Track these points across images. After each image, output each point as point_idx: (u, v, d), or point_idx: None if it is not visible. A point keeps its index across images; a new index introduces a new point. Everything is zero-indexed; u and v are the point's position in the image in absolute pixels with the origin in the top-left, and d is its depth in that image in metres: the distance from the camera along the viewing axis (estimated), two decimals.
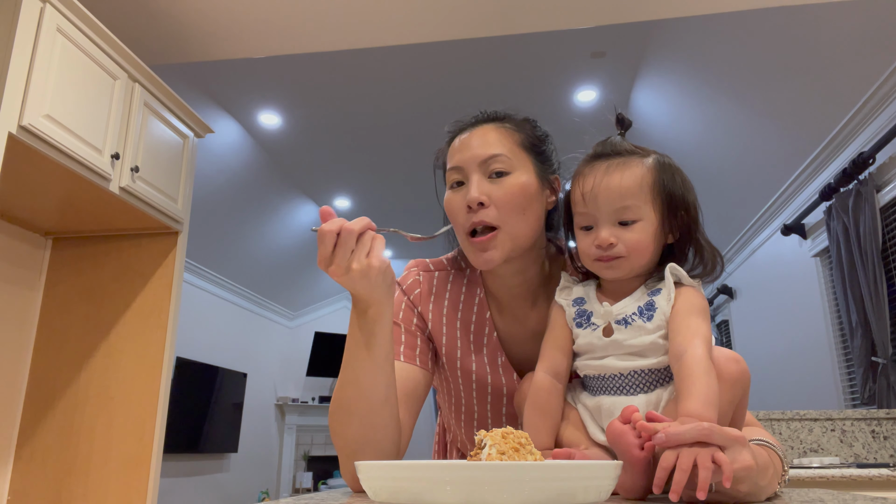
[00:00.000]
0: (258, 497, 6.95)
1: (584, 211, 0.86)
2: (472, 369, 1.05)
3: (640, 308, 0.83)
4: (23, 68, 1.91)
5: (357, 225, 0.78)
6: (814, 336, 4.05)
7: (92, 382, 2.56)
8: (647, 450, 0.67)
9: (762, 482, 0.70)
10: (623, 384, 0.83)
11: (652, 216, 0.84)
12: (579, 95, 4.57)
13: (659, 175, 0.85)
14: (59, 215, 2.54)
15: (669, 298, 0.82)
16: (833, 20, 2.95)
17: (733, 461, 0.64)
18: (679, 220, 0.86)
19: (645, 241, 0.83)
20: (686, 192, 0.86)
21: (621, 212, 0.83)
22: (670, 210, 0.85)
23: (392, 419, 0.88)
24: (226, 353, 6.51)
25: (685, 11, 2.79)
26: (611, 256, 0.84)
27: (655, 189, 0.84)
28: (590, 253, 0.86)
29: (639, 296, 0.85)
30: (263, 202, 5.99)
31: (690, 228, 0.87)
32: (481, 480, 0.52)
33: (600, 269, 0.86)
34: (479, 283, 1.06)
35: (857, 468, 2.19)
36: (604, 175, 0.85)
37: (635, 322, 0.82)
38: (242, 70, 4.20)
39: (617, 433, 0.70)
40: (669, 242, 0.88)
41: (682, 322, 0.79)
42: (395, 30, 2.90)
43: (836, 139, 3.56)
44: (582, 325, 0.87)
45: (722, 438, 0.65)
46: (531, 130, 1.01)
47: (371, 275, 0.80)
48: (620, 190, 0.83)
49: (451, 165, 0.98)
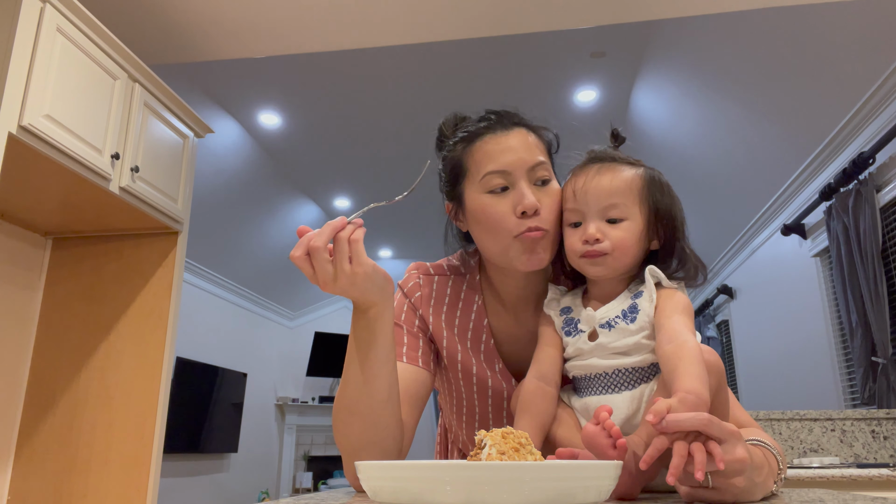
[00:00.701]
0: (258, 497, 6.95)
1: (573, 207, 0.90)
2: (472, 371, 1.06)
3: (623, 311, 0.86)
4: (23, 68, 1.91)
5: (321, 239, 0.76)
6: (814, 336, 4.05)
7: (92, 382, 2.56)
8: (619, 448, 0.68)
9: (757, 479, 0.70)
10: (608, 383, 0.85)
11: (638, 217, 0.87)
12: (579, 95, 4.57)
13: (647, 184, 0.89)
14: (59, 215, 2.54)
15: (651, 299, 0.84)
16: (833, 20, 2.95)
17: (727, 453, 0.65)
18: (664, 227, 0.89)
19: (630, 240, 0.86)
20: (672, 205, 0.89)
21: (609, 209, 0.87)
22: (656, 217, 0.88)
23: (394, 419, 0.88)
24: (226, 353, 6.51)
25: (685, 11, 2.79)
26: (596, 252, 0.86)
27: (643, 194, 0.88)
28: (576, 249, 0.88)
29: (622, 299, 0.88)
30: (263, 202, 5.99)
31: (674, 236, 0.90)
32: (481, 480, 0.52)
33: (585, 265, 0.89)
34: (479, 290, 1.07)
35: (857, 468, 2.19)
36: (595, 174, 0.89)
37: (619, 325, 0.85)
38: (242, 70, 4.21)
39: (590, 436, 0.71)
40: (654, 249, 0.91)
41: (668, 318, 0.82)
42: (394, 30, 2.90)
43: (836, 139, 3.56)
44: (570, 332, 0.90)
45: (719, 431, 0.65)
46: (550, 134, 1.02)
47: (357, 281, 0.79)
48: (610, 188, 0.87)
49: (495, 168, 0.94)
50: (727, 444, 0.66)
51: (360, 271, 0.79)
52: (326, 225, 0.78)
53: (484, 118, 1.00)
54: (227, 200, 5.50)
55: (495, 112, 1.01)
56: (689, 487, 0.67)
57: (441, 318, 1.06)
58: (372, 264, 0.82)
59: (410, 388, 0.98)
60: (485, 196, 0.95)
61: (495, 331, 1.05)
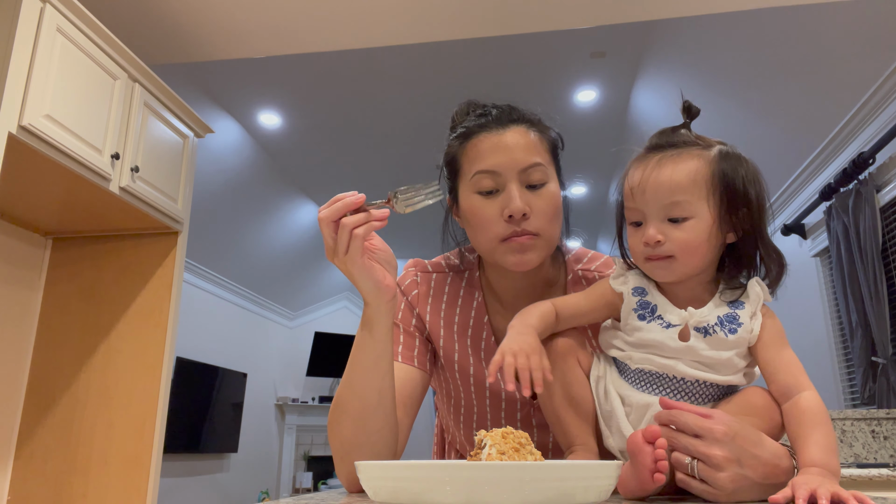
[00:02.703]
0: (258, 497, 6.95)
1: (632, 206, 0.80)
2: (470, 371, 1.04)
3: (720, 318, 0.78)
4: (23, 68, 1.91)
5: (328, 212, 0.77)
6: (814, 336, 4.05)
7: (92, 382, 2.56)
8: (656, 481, 0.66)
9: (753, 476, 0.69)
10: (681, 390, 0.79)
11: (706, 214, 0.77)
12: (579, 95, 4.57)
13: (718, 167, 0.78)
14: (59, 215, 2.54)
15: (755, 315, 0.78)
16: (833, 20, 2.95)
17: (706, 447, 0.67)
18: (740, 217, 0.79)
19: (696, 241, 0.77)
20: (749, 187, 0.79)
21: (670, 208, 0.77)
22: (730, 207, 0.78)
23: (387, 422, 0.86)
24: (226, 353, 6.50)
25: (685, 11, 2.79)
26: (659, 255, 0.78)
27: (712, 183, 0.77)
28: (639, 251, 0.80)
29: (717, 304, 0.80)
30: (263, 202, 5.99)
31: (754, 228, 0.79)
32: (481, 480, 0.52)
33: (650, 269, 0.81)
34: (479, 287, 1.05)
35: (857, 468, 2.19)
36: (654, 168, 0.79)
37: (717, 333, 0.77)
38: (242, 70, 4.20)
39: (637, 449, 0.68)
40: (731, 242, 0.81)
41: (777, 355, 0.77)
42: (395, 30, 2.90)
43: (836, 139, 3.56)
44: (645, 317, 0.81)
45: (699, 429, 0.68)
46: (553, 133, 0.98)
47: (350, 271, 0.79)
48: (671, 184, 0.77)
49: (484, 168, 0.91)
50: (706, 439, 0.68)
51: (351, 267, 0.79)
52: (340, 200, 0.77)
53: (483, 113, 0.97)
54: (227, 200, 5.50)
55: (497, 107, 0.98)
56: (683, 475, 0.69)
57: (439, 316, 1.04)
58: (368, 267, 0.80)
59: (405, 388, 0.97)
60: (474, 196, 0.93)
61: (495, 328, 1.04)
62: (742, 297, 0.80)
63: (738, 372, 0.78)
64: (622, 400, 0.82)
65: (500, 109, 0.97)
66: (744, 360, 0.79)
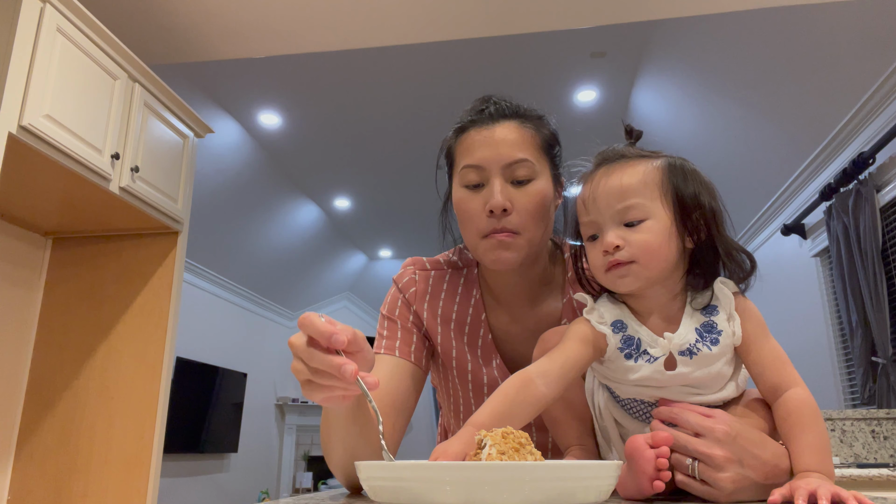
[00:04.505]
0: (258, 497, 6.95)
1: (587, 219, 0.78)
2: (468, 368, 1.04)
3: (698, 332, 0.75)
4: (23, 68, 1.91)
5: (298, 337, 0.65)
6: (814, 336, 4.05)
7: (92, 382, 2.56)
8: (655, 488, 0.66)
9: (755, 476, 0.69)
10: None
11: (662, 214, 0.75)
12: (579, 95, 4.57)
13: (666, 173, 0.76)
14: (59, 215, 2.54)
15: (731, 316, 0.76)
16: (833, 20, 2.95)
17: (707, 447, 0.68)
18: (694, 222, 0.76)
19: (655, 242, 0.74)
20: (702, 193, 0.77)
21: (625, 212, 0.75)
22: (684, 210, 0.76)
23: (372, 447, 0.82)
24: (226, 353, 6.50)
25: (685, 11, 2.79)
26: (620, 262, 0.74)
27: (663, 184, 0.75)
28: (599, 263, 0.77)
29: (691, 317, 0.77)
30: (263, 202, 5.98)
31: (710, 233, 0.77)
32: (481, 480, 0.52)
33: (613, 280, 0.76)
34: (476, 284, 1.05)
35: (857, 468, 2.19)
36: (603, 176, 0.77)
37: (700, 351, 0.74)
38: (242, 70, 4.20)
39: (637, 455, 0.67)
40: (690, 248, 0.78)
41: (761, 352, 0.75)
42: (394, 30, 2.90)
43: (836, 139, 3.56)
44: (632, 356, 0.76)
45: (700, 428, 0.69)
46: (548, 129, 0.97)
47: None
48: (621, 187, 0.75)
49: (470, 163, 0.91)
50: (707, 439, 0.68)
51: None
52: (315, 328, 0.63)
53: (481, 109, 0.97)
54: (227, 200, 5.50)
55: (497, 102, 0.97)
56: (683, 475, 0.69)
57: (437, 313, 1.04)
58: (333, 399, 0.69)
59: (401, 386, 0.96)
60: (461, 190, 0.93)
61: (493, 326, 1.03)
62: (713, 300, 0.77)
63: (730, 382, 0.77)
64: (616, 421, 0.82)
65: (497, 105, 0.96)
66: (730, 365, 0.77)
